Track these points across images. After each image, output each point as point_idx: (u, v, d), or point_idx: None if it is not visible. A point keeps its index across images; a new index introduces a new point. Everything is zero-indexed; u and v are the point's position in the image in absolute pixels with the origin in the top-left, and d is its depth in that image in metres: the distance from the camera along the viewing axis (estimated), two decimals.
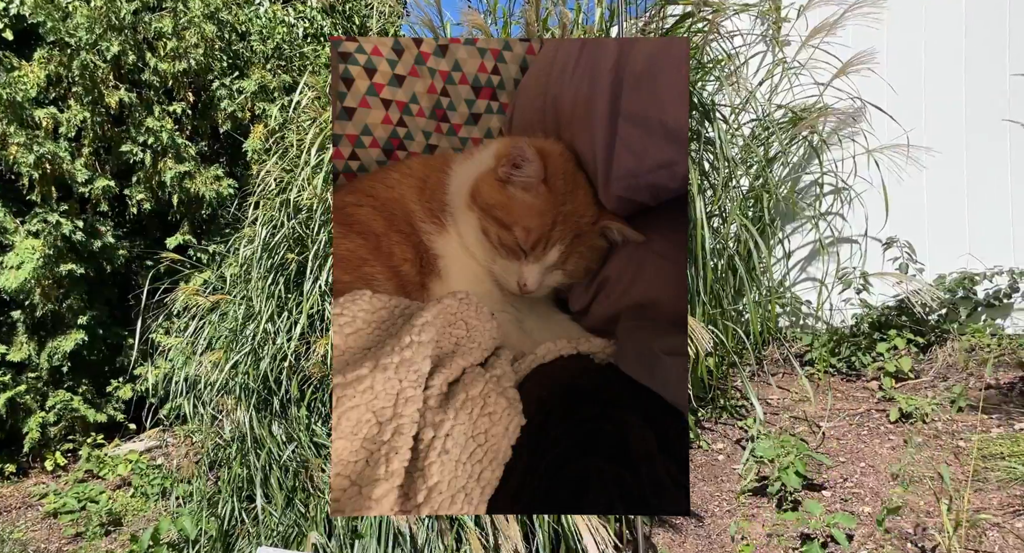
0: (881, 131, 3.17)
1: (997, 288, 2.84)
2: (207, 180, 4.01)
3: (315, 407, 2.84)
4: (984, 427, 2.40)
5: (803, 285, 3.43)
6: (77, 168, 3.70)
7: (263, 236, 3.04)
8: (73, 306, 3.74)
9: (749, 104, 3.07)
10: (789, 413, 2.76)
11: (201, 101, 4.25)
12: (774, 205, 3.05)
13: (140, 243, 4.23)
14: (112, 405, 3.94)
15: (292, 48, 4.37)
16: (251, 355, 2.93)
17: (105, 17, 3.64)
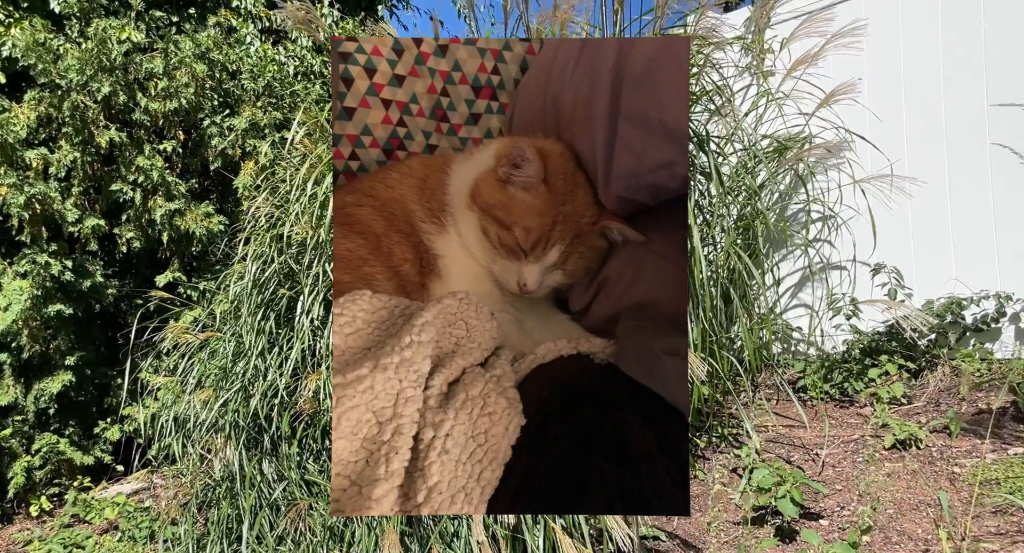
0: (865, 159, 3.22)
1: (985, 312, 2.86)
2: (197, 217, 4.01)
3: (306, 444, 2.80)
4: (979, 453, 2.39)
5: (794, 311, 3.44)
6: (67, 208, 3.70)
7: (253, 272, 3.03)
8: (61, 347, 3.70)
9: (736, 134, 3.12)
10: (785, 441, 2.75)
11: (192, 139, 4.27)
12: (764, 232, 3.08)
13: (129, 281, 4.21)
14: (99, 447, 3.87)
15: (283, 86, 4.42)
16: (241, 392, 2.90)
17: (96, 58, 3.67)
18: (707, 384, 2.62)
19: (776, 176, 3.24)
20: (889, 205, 3.11)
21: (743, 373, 2.80)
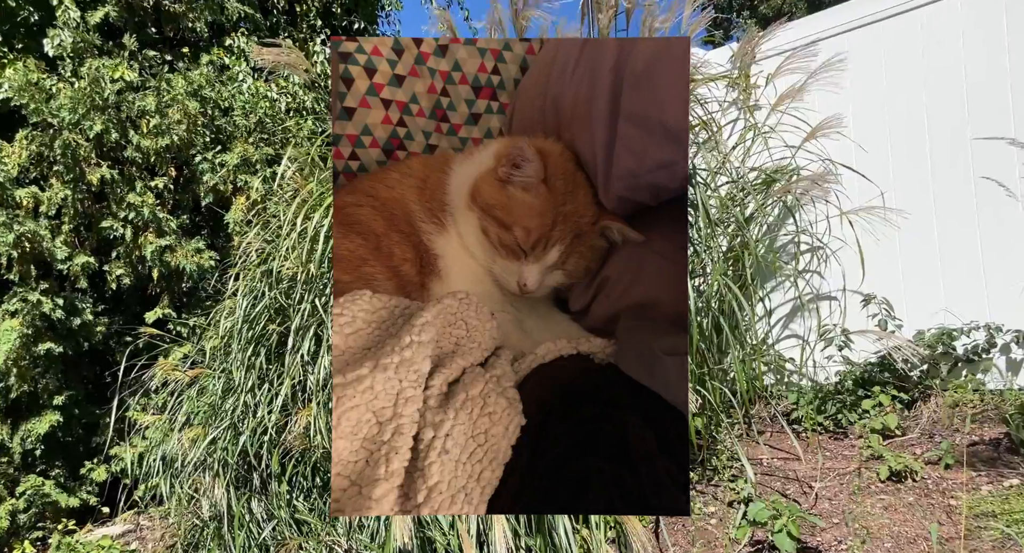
0: (852, 190, 3.25)
1: (975, 343, 2.87)
2: (188, 253, 4.01)
3: (297, 482, 2.76)
4: (974, 485, 2.38)
5: (786, 342, 3.44)
6: (57, 245, 3.69)
7: (244, 307, 3.02)
8: (49, 386, 3.66)
9: (724, 167, 3.15)
10: (780, 473, 2.72)
11: (183, 175, 4.29)
12: (753, 264, 3.09)
13: (119, 318, 4.18)
14: (86, 488, 3.81)
15: (275, 122, 4.45)
16: (230, 430, 2.86)
17: (89, 97, 3.70)
18: (700, 416, 2.60)
19: (765, 208, 3.27)
20: (876, 236, 3.14)
21: (736, 405, 2.79)
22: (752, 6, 13.38)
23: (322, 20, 5.09)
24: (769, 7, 12.75)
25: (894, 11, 3.26)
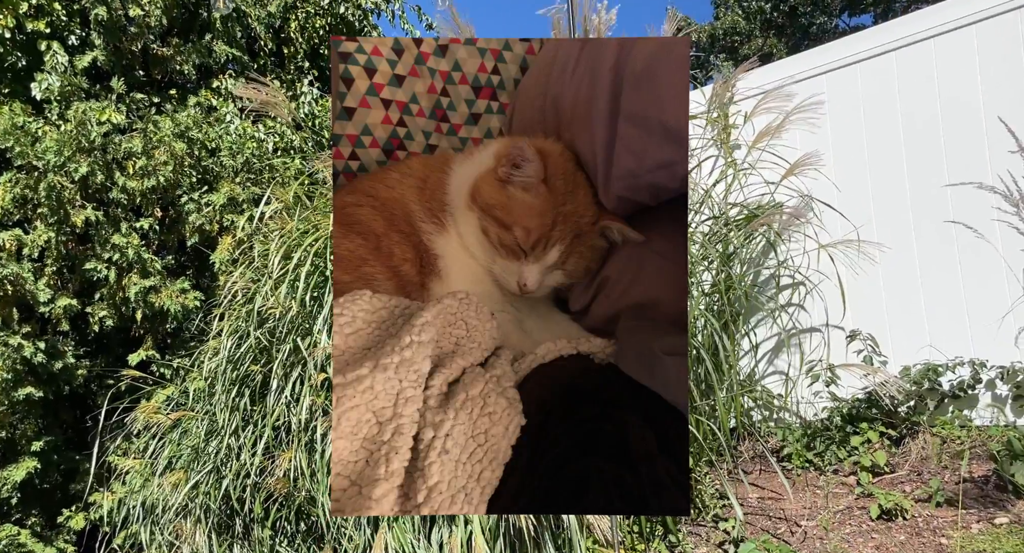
0: (832, 226, 3.28)
1: (961, 379, 2.87)
2: (172, 294, 3.98)
3: (280, 526, 2.71)
4: (964, 523, 2.36)
5: (773, 378, 3.43)
6: (39, 288, 3.66)
7: (228, 348, 2.99)
8: (27, 432, 3.60)
9: (705, 203, 3.18)
10: (771, 512, 2.69)
11: (169, 215, 4.29)
12: (737, 299, 3.10)
13: (101, 361, 4.13)
14: (63, 537, 3.72)
15: (262, 161, 4.47)
16: (213, 474, 2.81)
17: (75, 140, 3.71)
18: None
19: (747, 243, 3.30)
20: (855, 271, 3.16)
21: (724, 442, 2.77)
22: (732, 48, 13.69)
23: (309, 62, 5.15)
24: (750, 49, 13.05)
25: (869, 54, 3.35)
